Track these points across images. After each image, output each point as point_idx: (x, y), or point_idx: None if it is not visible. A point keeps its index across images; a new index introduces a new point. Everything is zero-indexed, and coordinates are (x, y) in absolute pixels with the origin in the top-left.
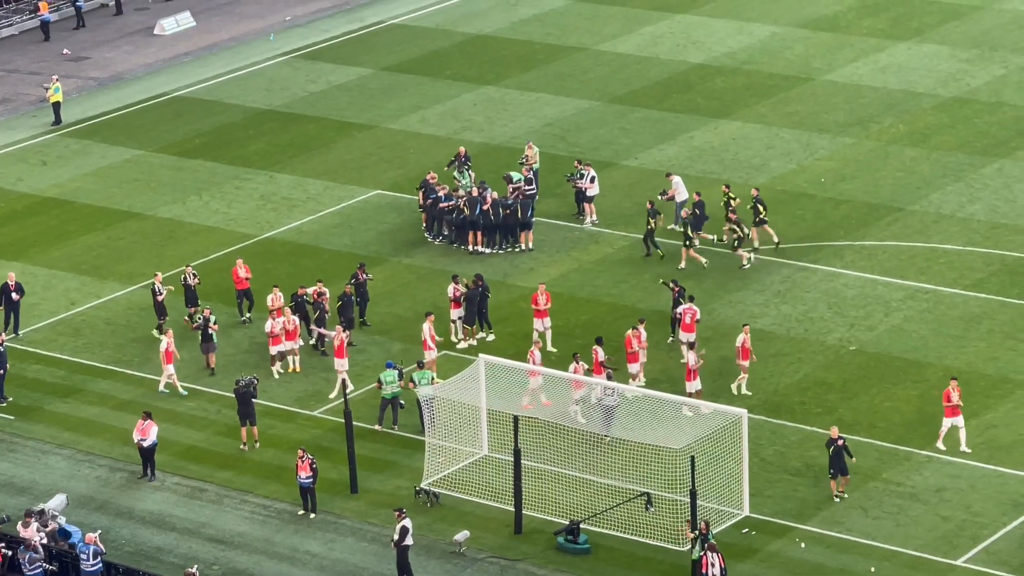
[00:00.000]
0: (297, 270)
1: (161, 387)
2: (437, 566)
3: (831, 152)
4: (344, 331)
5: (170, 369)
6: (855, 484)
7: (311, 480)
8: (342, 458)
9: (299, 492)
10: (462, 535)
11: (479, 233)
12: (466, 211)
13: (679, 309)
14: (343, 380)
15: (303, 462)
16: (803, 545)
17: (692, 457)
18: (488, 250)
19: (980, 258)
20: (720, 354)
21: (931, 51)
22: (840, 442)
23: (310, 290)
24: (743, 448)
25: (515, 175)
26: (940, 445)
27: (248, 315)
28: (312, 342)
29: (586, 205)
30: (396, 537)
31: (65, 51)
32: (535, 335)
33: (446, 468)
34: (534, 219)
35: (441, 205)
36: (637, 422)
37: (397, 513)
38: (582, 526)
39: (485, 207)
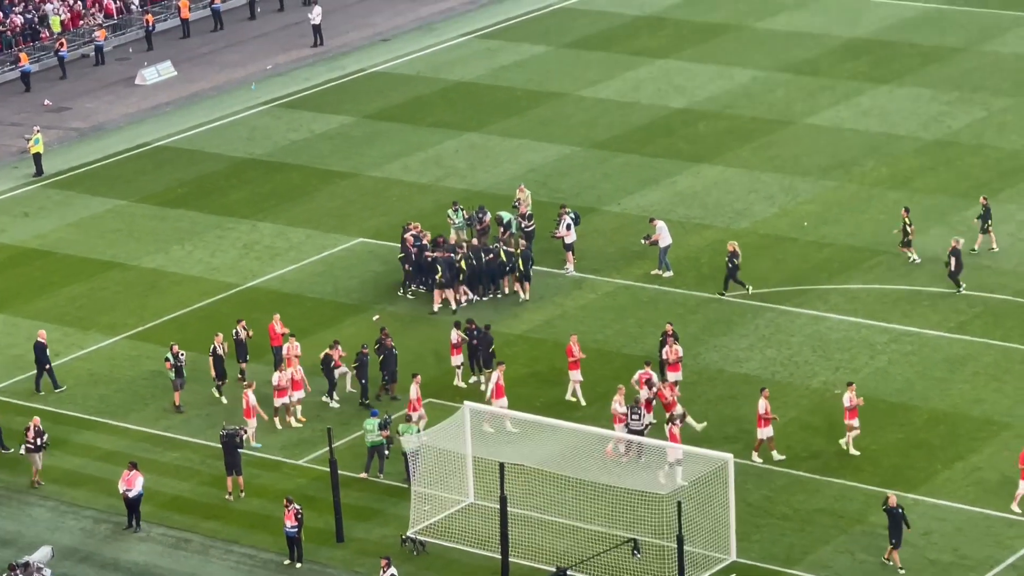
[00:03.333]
0: (281, 319)
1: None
2: None
3: (813, 195)
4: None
5: (252, 424)
6: (841, 528)
7: (296, 530)
8: (328, 507)
9: (285, 541)
10: None
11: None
12: (462, 265)
13: (665, 349)
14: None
15: (289, 511)
16: None
17: (679, 502)
18: (475, 298)
19: (963, 300)
20: (705, 399)
21: (912, 94)
22: (899, 510)
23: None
24: (730, 492)
25: (506, 215)
26: (1016, 508)
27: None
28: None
29: (566, 252)
30: None
31: (46, 102)
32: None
33: (432, 516)
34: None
35: (427, 253)
36: (623, 468)
37: (383, 562)
38: (569, 573)
39: (488, 256)
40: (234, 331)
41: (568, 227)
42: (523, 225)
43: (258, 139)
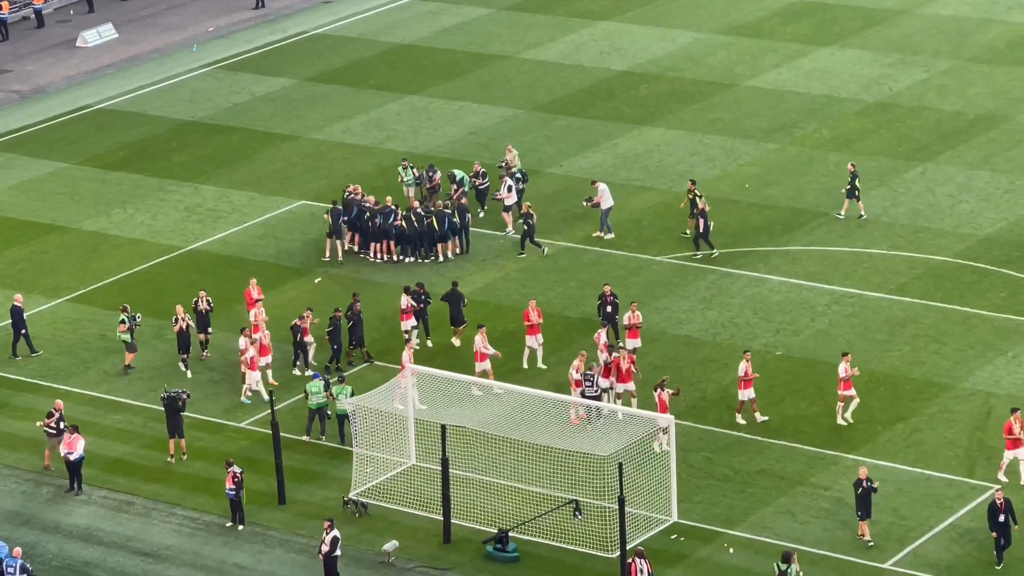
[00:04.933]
0: (223, 281)
1: (243, 397)
2: None
3: (755, 158)
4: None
5: (255, 376)
6: (782, 489)
7: (235, 492)
8: (270, 469)
9: (228, 504)
10: (391, 545)
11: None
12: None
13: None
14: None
15: (230, 474)
16: (731, 551)
17: (620, 464)
18: (409, 259)
19: (904, 262)
20: (646, 361)
21: (853, 56)
22: (868, 483)
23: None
24: (671, 454)
25: (459, 173)
26: (1002, 477)
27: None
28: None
29: (504, 215)
30: (326, 548)
31: None
32: (408, 335)
33: (374, 478)
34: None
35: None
36: (566, 429)
37: (326, 524)
38: (511, 534)
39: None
40: (194, 302)
41: (509, 189)
42: (476, 183)
43: (199, 102)
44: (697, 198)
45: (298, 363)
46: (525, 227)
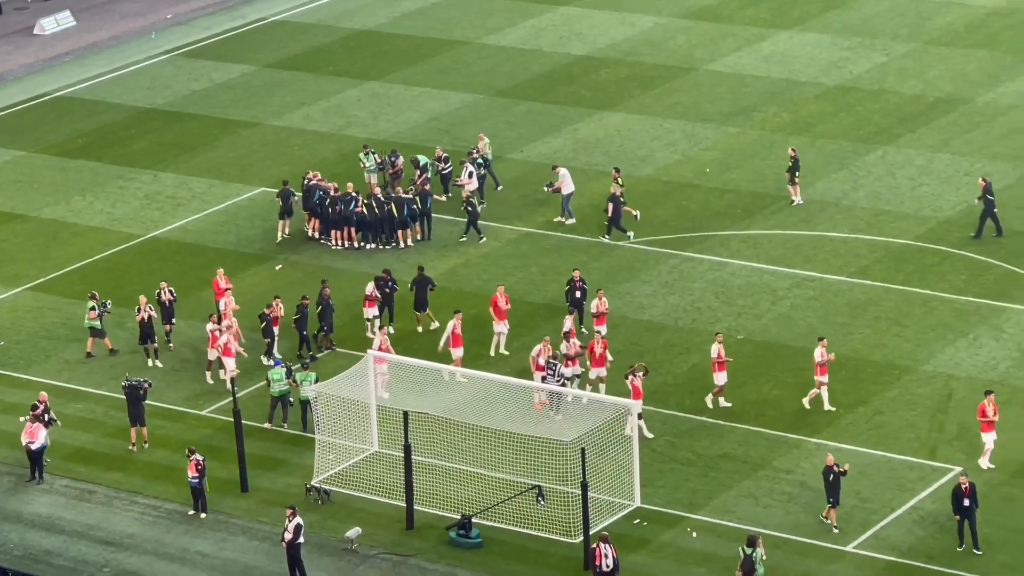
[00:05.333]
0: (184, 269)
1: (229, 384)
2: (329, 563)
3: (715, 142)
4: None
5: (232, 363)
6: (745, 473)
7: (198, 480)
8: (232, 457)
9: (190, 492)
10: (354, 532)
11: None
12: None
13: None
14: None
15: (191, 462)
16: (694, 535)
17: (583, 449)
18: (370, 246)
19: (865, 245)
20: (609, 346)
21: (813, 40)
22: (836, 468)
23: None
24: (633, 439)
25: (422, 159)
26: (984, 462)
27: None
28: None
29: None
30: (289, 535)
31: None
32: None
33: (337, 465)
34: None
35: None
36: (528, 415)
37: (288, 511)
38: (474, 520)
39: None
40: (157, 293)
41: (470, 175)
42: (439, 168)
43: (159, 89)
44: (615, 183)
45: (272, 352)
46: (467, 213)
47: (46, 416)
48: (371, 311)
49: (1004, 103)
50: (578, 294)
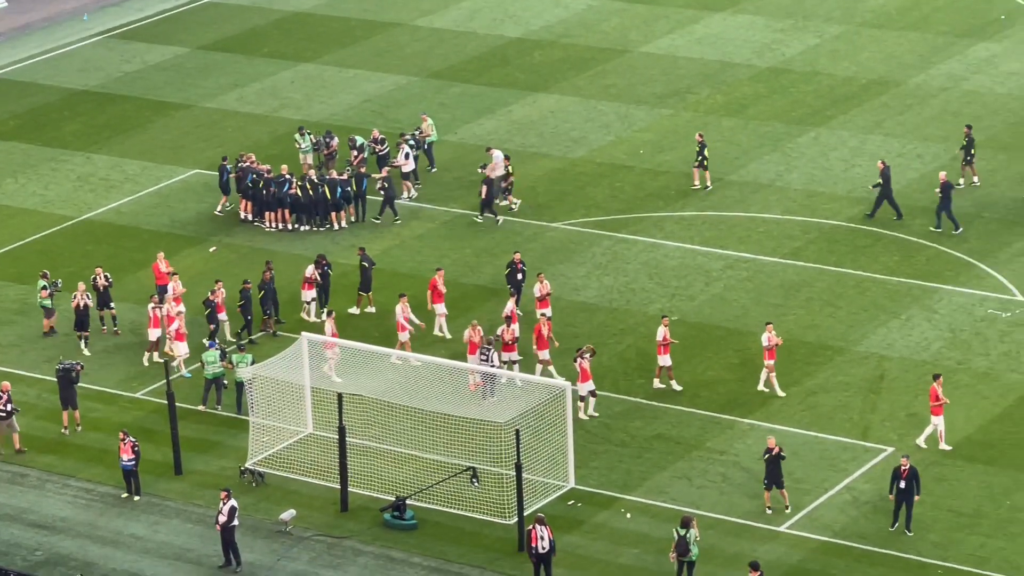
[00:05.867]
0: (117, 251)
1: (184, 372)
2: (263, 545)
3: (649, 124)
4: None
5: (184, 347)
6: (679, 454)
7: (133, 463)
8: (166, 439)
9: (122, 475)
10: (288, 514)
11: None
12: (306, 193)
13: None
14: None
15: (125, 444)
16: (629, 515)
17: (517, 430)
18: (305, 227)
19: (798, 226)
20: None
21: (746, 22)
22: (776, 451)
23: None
24: (568, 420)
25: (359, 139)
26: (943, 446)
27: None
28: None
29: (403, 182)
30: (223, 518)
31: None
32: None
33: (271, 447)
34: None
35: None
36: (463, 397)
37: (223, 494)
38: (408, 502)
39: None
40: (92, 278)
41: (407, 156)
42: (376, 150)
43: (91, 71)
44: (487, 166)
45: (216, 337)
46: (382, 192)
47: (8, 407)
48: (309, 294)
49: (935, 85)
50: (519, 276)
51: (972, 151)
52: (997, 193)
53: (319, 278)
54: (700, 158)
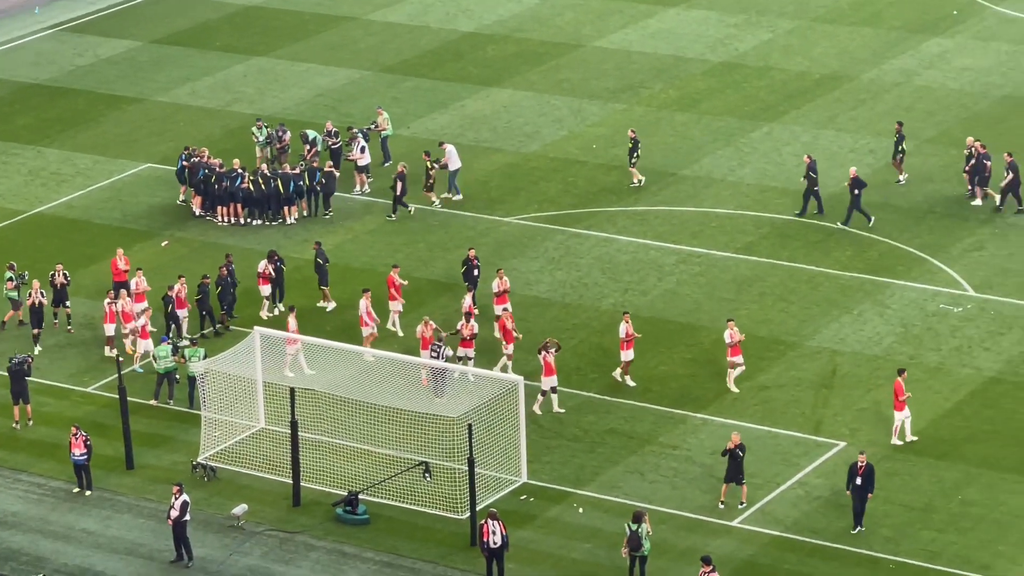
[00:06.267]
0: (68, 245)
1: (137, 365)
2: (215, 540)
3: (602, 118)
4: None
5: (148, 344)
6: (631, 448)
7: (85, 457)
8: (117, 434)
9: (73, 470)
10: (240, 509)
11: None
12: (258, 187)
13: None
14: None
15: (77, 439)
16: (581, 510)
17: (469, 425)
18: (257, 222)
19: (751, 221)
20: (492, 322)
21: (700, 16)
22: (733, 447)
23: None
24: (520, 415)
25: (311, 133)
26: (896, 440)
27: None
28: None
29: (357, 175)
30: (175, 512)
31: None
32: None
33: (223, 442)
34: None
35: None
36: (416, 391)
37: (175, 488)
38: (361, 497)
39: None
40: (51, 275)
41: (362, 150)
42: (329, 143)
43: (43, 64)
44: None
45: (181, 334)
46: (320, 185)
47: None
48: (266, 289)
49: (888, 80)
50: (475, 272)
51: (902, 147)
52: (949, 188)
53: (272, 273)
54: (634, 154)
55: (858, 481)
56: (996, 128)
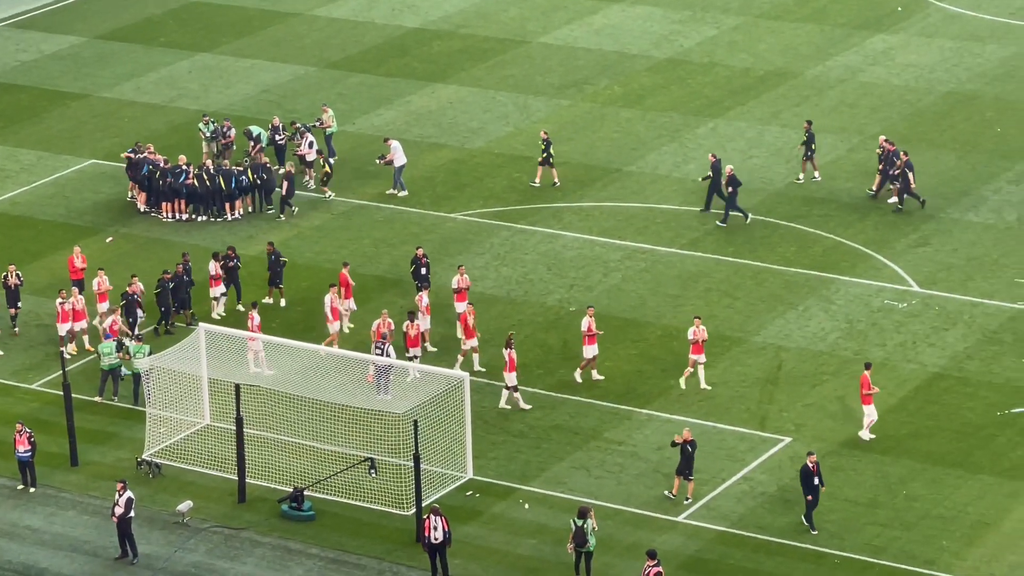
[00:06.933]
0: (12, 242)
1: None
2: (160, 537)
3: (547, 114)
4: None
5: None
6: (577, 444)
7: (30, 454)
8: (62, 431)
9: (18, 466)
10: (185, 505)
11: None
12: (201, 183)
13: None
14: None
15: (21, 436)
16: (527, 506)
17: (415, 421)
18: (202, 218)
19: (696, 217)
20: (442, 318)
21: (644, 13)
22: (680, 441)
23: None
24: (466, 411)
25: (255, 129)
26: (865, 435)
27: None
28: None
29: (306, 169)
30: (120, 509)
31: None
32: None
33: (168, 438)
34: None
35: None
36: (361, 387)
37: (119, 485)
38: (306, 493)
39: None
40: (3, 276)
41: (311, 145)
42: (276, 138)
43: None
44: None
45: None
46: (260, 183)
47: None
48: (217, 289)
49: (832, 76)
50: (423, 271)
51: (812, 146)
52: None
53: (223, 272)
54: (545, 155)
55: (815, 481)
56: (940, 124)
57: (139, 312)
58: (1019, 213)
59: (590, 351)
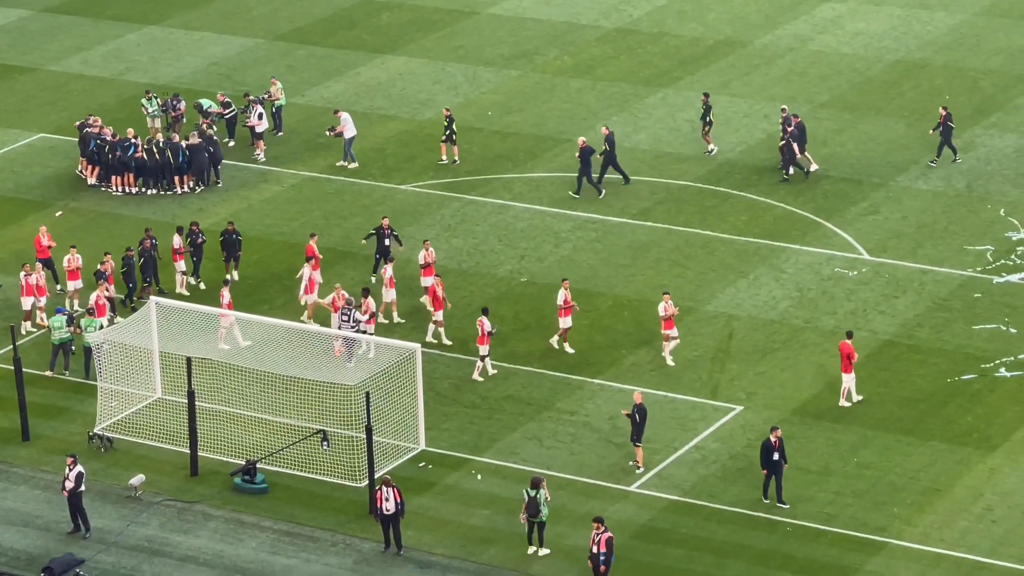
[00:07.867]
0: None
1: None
2: (113, 511)
3: (497, 85)
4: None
5: (102, 322)
6: (529, 415)
7: None
8: (13, 405)
9: None
10: (137, 479)
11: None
12: (151, 158)
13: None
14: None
15: None
16: (479, 477)
17: (367, 393)
18: (153, 191)
19: (646, 187)
20: (404, 288)
21: None
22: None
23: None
24: (418, 383)
25: (206, 102)
26: (844, 403)
27: (59, 287)
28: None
29: (255, 142)
30: (70, 484)
31: None
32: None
33: (119, 412)
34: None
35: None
36: (313, 360)
37: (69, 460)
38: (259, 466)
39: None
40: None
41: (260, 116)
42: (223, 113)
43: None
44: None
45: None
46: (208, 154)
47: None
48: (181, 264)
49: (782, 45)
50: (387, 242)
51: (709, 119)
52: (843, 152)
53: (191, 247)
54: (448, 132)
55: (775, 457)
56: (889, 92)
57: (73, 285)
58: (968, 181)
59: (565, 323)
